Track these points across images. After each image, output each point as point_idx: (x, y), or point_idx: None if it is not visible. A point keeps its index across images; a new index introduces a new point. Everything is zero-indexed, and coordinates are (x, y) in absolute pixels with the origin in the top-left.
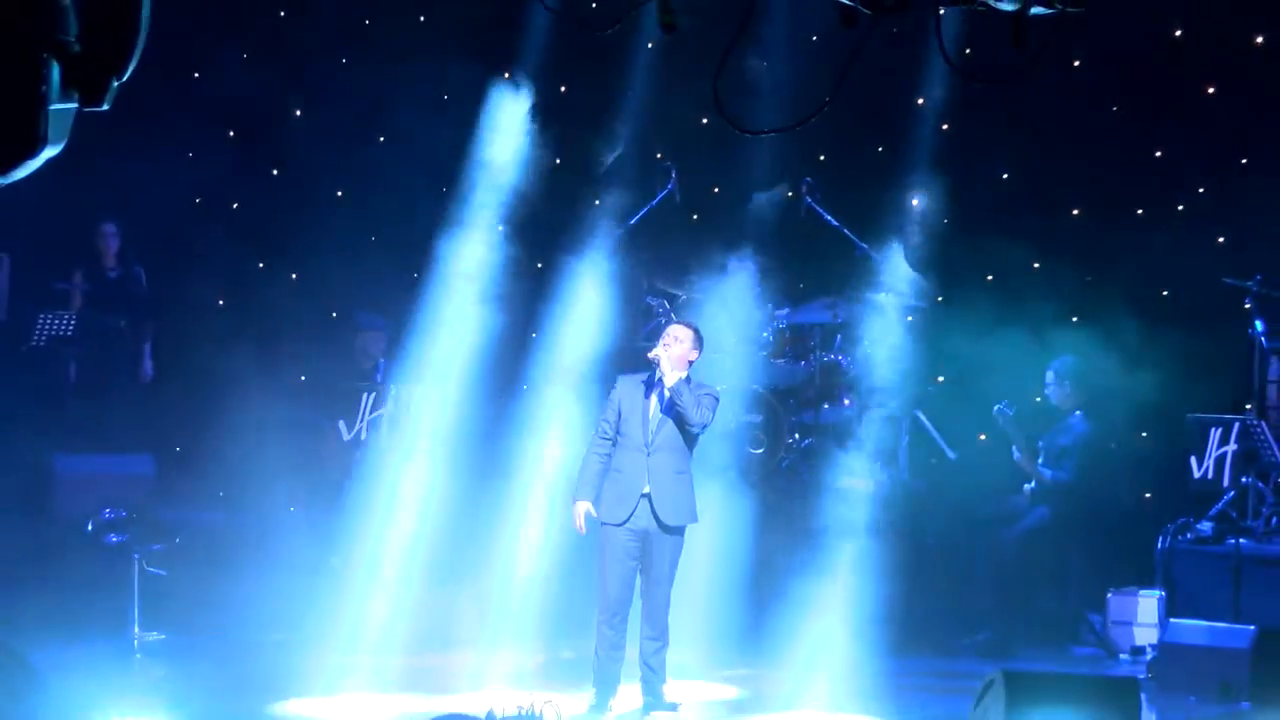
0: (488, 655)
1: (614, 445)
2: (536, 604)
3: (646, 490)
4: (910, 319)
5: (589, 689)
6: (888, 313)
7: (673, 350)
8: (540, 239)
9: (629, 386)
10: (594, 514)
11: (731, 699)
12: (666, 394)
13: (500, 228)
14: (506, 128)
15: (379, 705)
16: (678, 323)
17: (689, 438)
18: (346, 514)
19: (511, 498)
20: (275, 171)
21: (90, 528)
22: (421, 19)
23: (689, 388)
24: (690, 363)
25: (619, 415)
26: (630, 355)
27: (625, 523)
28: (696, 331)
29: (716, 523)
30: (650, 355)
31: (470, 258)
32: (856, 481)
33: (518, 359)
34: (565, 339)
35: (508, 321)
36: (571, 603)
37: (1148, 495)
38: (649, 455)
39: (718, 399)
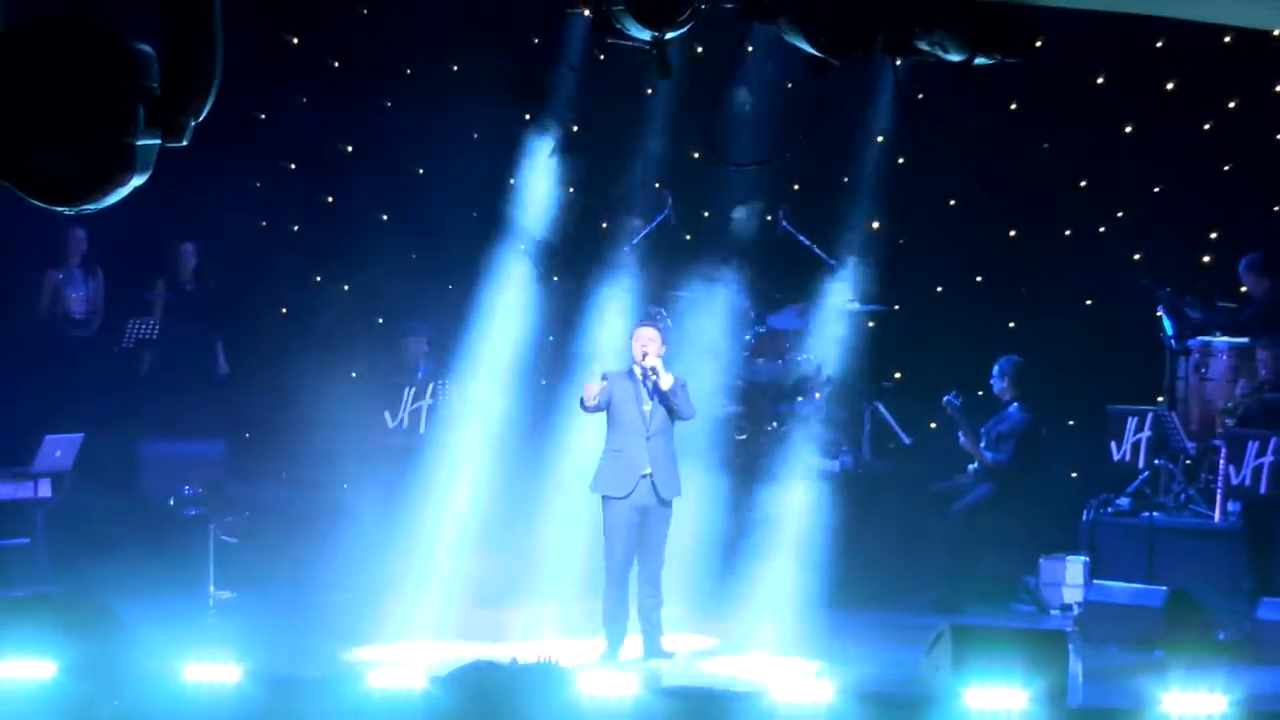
0: (516, 611)
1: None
2: (556, 568)
3: (647, 471)
4: (871, 324)
5: (600, 641)
6: (852, 319)
7: (652, 349)
8: (557, 256)
9: (617, 379)
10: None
11: (716, 649)
12: (651, 382)
13: (522, 246)
14: (529, 162)
15: (414, 652)
16: (644, 325)
17: (674, 421)
18: (393, 490)
19: (533, 476)
20: (330, 199)
21: (171, 503)
22: (455, 68)
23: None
24: (660, 357)
25: (610, 399)
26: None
27: (627, 498)
28: (660, 329)
29: (702, 499)
30: (648, 364)
31: (497, 272)
32: (825, 463)
33: (537, 358)
34: (576, 340)
35: (528, 326)
36: (584, 567)
37: (1074, 475)
38: (648, 440)
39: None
